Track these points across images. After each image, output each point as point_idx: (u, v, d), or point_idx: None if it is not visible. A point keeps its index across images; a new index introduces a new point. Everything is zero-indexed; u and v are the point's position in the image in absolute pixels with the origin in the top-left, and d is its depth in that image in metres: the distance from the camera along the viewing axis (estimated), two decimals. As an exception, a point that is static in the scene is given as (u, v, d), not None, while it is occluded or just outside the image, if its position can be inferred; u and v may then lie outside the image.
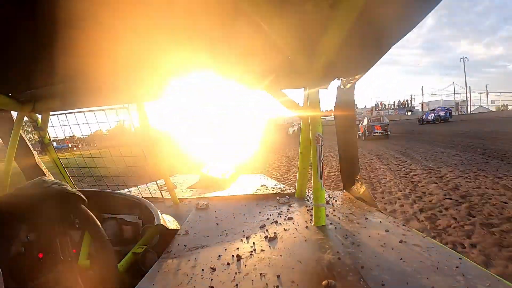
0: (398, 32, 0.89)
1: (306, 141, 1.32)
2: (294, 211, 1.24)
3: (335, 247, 0.86)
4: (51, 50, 0.99)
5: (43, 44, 0.94)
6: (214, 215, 1.26)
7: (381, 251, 0.82)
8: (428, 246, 0.85)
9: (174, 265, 0.84)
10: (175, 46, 1.02)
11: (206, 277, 0.75)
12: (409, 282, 0.67)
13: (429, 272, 0.70)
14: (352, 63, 1.16)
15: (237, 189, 1.70)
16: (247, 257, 0.84)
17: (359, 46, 1.02)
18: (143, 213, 1.14)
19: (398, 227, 1.00)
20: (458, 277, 0.68)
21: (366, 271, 0.72)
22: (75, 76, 1.25)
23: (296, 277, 0.72)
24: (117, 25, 0.84)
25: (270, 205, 1.35)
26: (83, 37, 0.89)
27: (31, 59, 1.05)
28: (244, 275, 0.74)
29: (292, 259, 0.81)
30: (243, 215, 1.24)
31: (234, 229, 1.08)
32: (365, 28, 0.87)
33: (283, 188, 1.65)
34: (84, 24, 0.82)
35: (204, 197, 1.54)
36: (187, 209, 1.38)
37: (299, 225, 1.06)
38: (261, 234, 1.01)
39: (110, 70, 1.21)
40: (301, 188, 1.45)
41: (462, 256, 0.79)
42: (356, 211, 1.19)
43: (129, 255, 0.92)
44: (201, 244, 0.97)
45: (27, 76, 1.23)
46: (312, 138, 1.09)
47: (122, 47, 0.99)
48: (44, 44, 0.94)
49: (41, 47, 0.96)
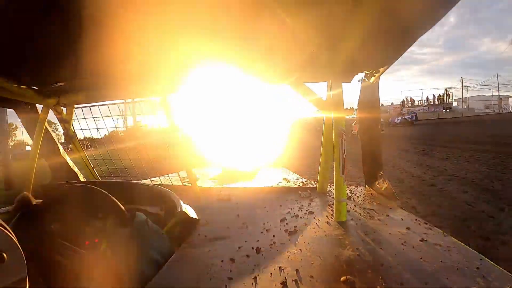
0: (422, 25, 0.87)
1: (329, 135, 1.31)
2: (315, 206, 1.24)
3: (355, 243, 0.85)
4: (76, 45, 1.00)
5: (68, 39, 0.96)
6: (235, 206, 1.28)
7: (402, 249, 0.81)
8: (449, 245, 0.83)
9: (194, 255, 0.84)
10: (198, 40, 1.02)
11: (226, 268, 0.75)
12: (428, 282, 0.66)
13: (449, 273, 0.69)
14: (375, 56, 1.14)
15: (258, 182, 1.71)
16: (267, 250, 0.85)
17: (382, 40, 1.00)
18: (165, 204, 1.16)
19: (420, 225, 0.99)
20: (478, 278, 0.67)
21: (385, 269, 0.71)
22: (99, 70, 1.27)
23: (315, 272, 0.71)
24: (141, 20, 0.85)
25: (291, 199, 1.36)
26: (108, 32, 0.90)
27: (57, 53, 1.07)
28: (263, 268, 0.74)
29: (312, 253, 0.81)
30: (264, 207, 1.25)
31: (254, 221, 1.09)
32: (389, 21, 0.85)
33: (304, 182, 1.65)
34: (109, 19, 0.83)
35: (226, 188, 1.56)
36: (208, 200, 1.40)
37: (319, 220, 1.06)
38: (281, 227, 1.01)
39: (134, 64, 1.22)
40: (323, 182, 1.44)
41: (483, 256, 0.77)
42: (377, 208, 1.18)
43: None
44: (221, 235, 0.98)
45: (52, 70, 1.26)
46: (334, 133, 1.08)
47: (146, 41, 1.00)
48: (70, 39, 0.96)
49: (67, 41, 0.98)
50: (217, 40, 1.05)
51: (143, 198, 1.20)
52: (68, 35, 0.92)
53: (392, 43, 1.02)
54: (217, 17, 0.88)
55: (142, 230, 0.83)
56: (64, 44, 0.99)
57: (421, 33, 0.91)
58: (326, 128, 1.33)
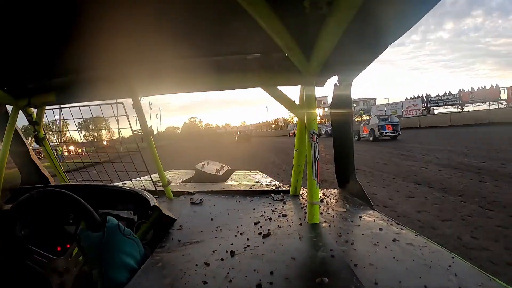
0: (396, 31, 0.89)
1: (302, 138, 1.32)
2: (288, 208, 1.24)
3: (328, 245, 0.86)
4: (47, 44, 0.98)
5: (39, 38, 0.94)
6: (208, 210, 1.26)
7: (375, 250, 0.83)
8: (420, 244, 0.85)
9: (168, 260, 0.83)
10: (172, 41, 1.02)
11: (200, 272, 0.75)
12: (402, 281, 0.67)
13: (421, 271, 0.71)
14: (349, 61, 1.17)
15: (232, 185, 1.70)
16: (241, 253, 0.84)
17: (356, 45, 1.02)
18: (138, 207, 1.13)
19: (392, 225, 1.01)
20: (451, 276, 0.69)
21: (359, 269, 0.72)
22: (71, 70, 1.25)
23: (290, 274, 0.72)
24: (113, 20, 0.84)
25: (265, 202, 1.35)
26: (79, 31, 0.89)
27: (27, 52, 1.05)
28: (237, 271, 0.74)
29: (286, 256, 0.81)
30: (237, 211, 1.24)
31: (228, 225, 1.08)
32: (363, 26, 0.87)
33: (277, 185, 1.65)
34: (80, 19, 0.82)
35: (199, 192, 1.54)
36: (181, 204, 1.38)
37: (293, 222, 1.07)
38: (255, 230, 1.01)
39: (106, 64, 1.20)
40: (296, 185, 1.45)
41: (455, 255, 0.80)
42: (350, 209, 1.19)
43: None
44: (195, 239, 0.97)
45: (22, 70, 1.23)
46: (307, 135, 1.09)
47: (119, 41, 0.99)
48: (40, 38, 0.94)
49: (37, 40, 0.95)
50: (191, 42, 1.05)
51: (115, 200, 1.18)
52: (38, 34, 0.90)
53: (365, 49, 1.05)
54: (191, 19, 0.88)
55: (115, 234, 0.80)
56: (31, 42, 0.96)
57: (394, 39, 0.94)
58: (299, 131, 1.34)
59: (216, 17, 0.87)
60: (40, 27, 0.86)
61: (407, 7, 0.77)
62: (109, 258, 0.78)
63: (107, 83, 1.29)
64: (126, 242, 0.82)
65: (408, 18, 0.81)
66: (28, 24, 0.83)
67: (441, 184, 5.35)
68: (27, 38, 0.92)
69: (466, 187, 4.94)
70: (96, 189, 1.22)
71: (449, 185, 5.19)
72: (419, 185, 5.39)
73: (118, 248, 0.79)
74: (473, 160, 7.46)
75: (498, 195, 4.27)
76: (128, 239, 0.83)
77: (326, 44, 0.92)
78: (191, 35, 1.00)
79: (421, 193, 4.82)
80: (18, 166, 1.61)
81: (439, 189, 5.02)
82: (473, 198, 4.26)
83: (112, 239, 0.79)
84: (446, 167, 6.93)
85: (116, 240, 0.80)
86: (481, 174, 5.87)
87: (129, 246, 0.82)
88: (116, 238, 0.80)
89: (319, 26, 0.86)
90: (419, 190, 5.03)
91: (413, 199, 4.57)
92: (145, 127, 1.39)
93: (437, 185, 5.28)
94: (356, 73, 1.24)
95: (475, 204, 4.00)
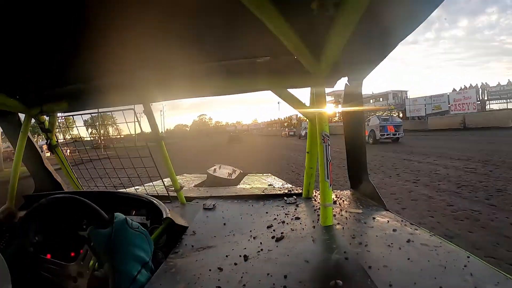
0: (404, 30, 0.88)
1: (313, 140, 1.31)
2: (301, 211, 1.23)
3: (342, 247, 0.85)
4: (58, 53, 1.00)
5: (50, 47, 0.95)
6: (221, 215, 1.26)
7: (389, 251, 0.82)
8: (435, 245, 0.84)
9: (182, 265, 0.83)
10: (181, 47, 1.02)
11: (214, 277, 0.75)
12: (417, 282, 0.66)
13: (436, 272, 0.70)
14: (358, 61, 1.16)
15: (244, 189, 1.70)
16: (254, 257, 0.84)
17: (365, 44, 1.01)
18: (150, 212, 1.14)
19: (406, 226, 0.99)
20: (466, 276, 0.68)
21: (373, 271, 0.71)
22: (82, 78, 1.27)
23: (304, 277, 0.71)
24: (122, 28, 0.85)
25: (277, 205, 1.35)
26: (90, 40, 0.90)
27: (39, 61, 1.06)
28: (251, 275, 0.74)
29: (299, 259, 0.80)
30: (250, 215, 1.24)
31: (241, 229, 1.08)
32: (371, 26, 0.87)
33: (290, 188, 1.64)
34: (90, 28, 0.83)
35: (211, 197, 1.55)
36: (194, 209, 1.38)
37: (306, 225, 1.06)
38: (268, 234, 1.00)
39: (116, 71, 1.22)
40: (308, 188, 1.44)
41: (471, 254, 0.78)
42: (363, 211, 1.18)
43: None
44: (208, 244, 0.97)
45: (34, 79, 1.25)
46: (319, 137, 1.08)
47: (129, 48, 1.00)
48: (52, 47, 0.95)
49: (49, 49, 0.97)
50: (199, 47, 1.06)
51: (128, 206, 1.19)
52: (49, 43, 0.91)
53: (373, 48, 1.04)
54: (199, 25, 0.88)
55: (122, 229, 0.81)
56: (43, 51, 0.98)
57: (403, 36, 0.93)
58: (310, 133, 1.33)
59: (224, 22, 0.87)
60: (52, 36, 0.87)
61: (414, 5, 0.77)
62: (119, 252, 0.79)
63: (118, 90, 1.30)
64: (135, 235, 0.83)
65: (416, 17, 0.80)
66: (39, 33, 0.84)
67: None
68: (38, 47, 0.94)
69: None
70: (109, 196, 1.24)
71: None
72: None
73: (127, 241, 0.80)
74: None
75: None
76: (137, 232, 0.84)
77: (335, 45, 0.91)
78: (199, 40, 1.00)
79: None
80: (32, 173, 1.63)
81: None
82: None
83: (120, 233, 0.81)
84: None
85: (124, 234, 0.81)
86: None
87: (138, 238, 0.83)
88: (124, 232, 0.81)
89: (327, 28, 0.86)
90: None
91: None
92: (156, 132, 1.40)
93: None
94: (366, 73, 1.23)
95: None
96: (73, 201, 0.89)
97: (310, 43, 0.95)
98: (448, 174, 6.73)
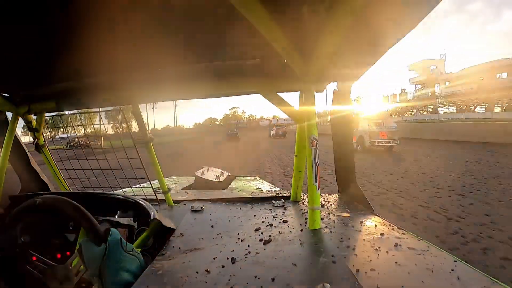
0: (394, 36, 0.90)
1: (301, 144, 1.32)
2: (289, 214, 1.23)
3: (330, 250, 0.85)
4: (47, 50, 0.99)
5: (39, 45, 0.94)
6: (209, 217, 1.26)
7: (376, 255, 0.82)
8: (423, 249, 0.85)
9: (169, 267, 0.82)
10: (171, 47, 1.02)
11: (201, 279, 0.74)
12: (404, 285, 0.67)
13: (424, 276, 0.70)
14: (348, 66, 1.17)
15: (232, 192, 1.69)
16: (242, 259, 0.84)
17: (355, 50, 1.03)
18: (138, 214, 1.13)
19: (393, 230, 1.00)
20: (453, 280, 0.69)
21: (361, 274, 0.72)
22: (71, 76, 1.25)
23: (291, 280, 0.71)
24: (112, 26, 0.84)
25: (265, 208, 1.35)
26: (80, 38, 0.89)
27: (27, 59, 1.05)
28: (239, 278, 0.74)
29: (287, 262, 0.80)
30: (238, 218, 1.24)
31: (229, 232, 1.08)
32: (361, 32, 0.88)
33: (278, 191, 1.65)
34: (81, 25, 0.83)
35: (199, 200, 1.54)
36: (182, 211, 1.37)
37: (294, 228, 1.06)
38: (256, 237, 1.00)
39: (106, 71, 1.21)
40: (296, 191, 1.45)
41: (458, 258, 0.79)
42: (351, 215, 1.19)
43: None
44: (196, 246, 0.96)
45: (22, 77, 1.23)
46: (307, 141, 1.09)
47: (118, 48, 0.99)
48: (41, 45, 0.94)
49: (37, 47, 0.96)
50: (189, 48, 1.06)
51: (115, 207, 1.17)
52: (39, 40, 0.91)
53: (364, 54, 1.05)
54: (190, 25, 0.89)
55: (116, 251, 0.80)
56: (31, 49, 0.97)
57: (392, 43, 0.94)
58: (298, 137, 1.34)
59: (215, 23, 0.88)
60: (40, 33, 0.86)
61: (406, 10, 0.78)
62: (110, 275, 0.78)
63: (107, 90, 1.29)
64: (128, 259, 0.82)
65: (407, 21, 0.81)
66: (28, 29, 0.83)
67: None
68: (27, 44, 0.93)
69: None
70: (96, 197, 1.22)
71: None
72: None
73: (119, 265, 0.79)
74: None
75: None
76: (130, 256, 0.83)
77: (325, 49, 0.92)
78: (189, 41, 1.00)
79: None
80: (18, 172, 1.60)
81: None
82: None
83: (114, 255, 0.79)
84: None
85: (117, 257, 0.80)
86: None
87: (130, 263, 0.82)
88: (117, 254, 0.80)
89: (317, 32, 0.86)
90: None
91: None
92: (144, 134, 1.39)
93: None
94: (355, 78, 1.24)
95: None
96: (70, 208, 0.87)
97: (300, 47, 0.96)
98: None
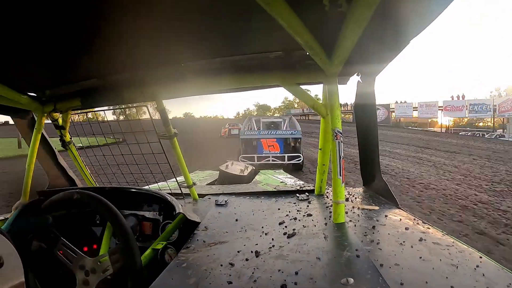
0: (417, 26, 0.87)
1: (326, 137, 1.31)
2: (313, 208, 1.23)
3: (354, 244, 0.85)
4: (72, 49, 1.01)
5: (64, 44, 0.96)
6: (233, 211, 1.27)
7: (401, 250, 0.81)
8: (447, 244, 0.83)
9: (193, 260, 0.84)
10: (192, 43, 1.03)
11: (225, 272, 0.75)
12: (428, 281, 0.66)
13: (448, 272, 0.69)
14: (371, 58, 1.14)
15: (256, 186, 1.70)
16: (266, 253, 0.84)
17: (378, 41, 1.00)
18: (163, 208, 1.16)
19: (418, 224, 0.99)
20: (478, 276, 0.67)
21: (385, 269, 0.71)
22: (95, 74, 1.28)
23: (315, 274, 0.71)
24: (133, 24, 0.85)
25: (289, 202, 1.35)
26: (103, 36, 0.91)
27: (52, 59, 1.08)
28: (262, 271, 0.74)
29: (311, 256, 0.80)
30: (262, 211, 1.24)
31: (253, 225, 1.08)
32: (383, 23, 0.85)
33: (302, 184, 1.64)
34: (102, 24, 0.84)
35: (224, 193, 1.56)
36: (206, 205, 1.39)
37: (318, 222, 1.06)
38: (280, 230, 1.01)
39: (129, 68, 1.23)
40: (321, 184, 1.44)
41: (483, 255, 0.77)
42: (375, 208, 1.17)
43: (148, 251, 0.94)
44: (220, 240, 0.98)
45: (48, 76, 1.27)
46: (331, 134, 1.08)
47: (139, 45, 1.00)
48: (65, 44, 0.96)
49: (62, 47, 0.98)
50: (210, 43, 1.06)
51: (141, 202, 1.21)
52: (64, 40, 0.92)
53: (386, 45, 1.03)
54: (209, 20, 0.88)
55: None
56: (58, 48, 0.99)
57: (414, 34, 0.91)
58: (322, 130, 1.32)
59: (234, 17, 0.87)
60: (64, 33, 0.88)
61: (427, 1, 0.75)
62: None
63: (131, 87, 1.31)
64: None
65: (429, 12, 0.79)
66: (52, 30, 0.85)
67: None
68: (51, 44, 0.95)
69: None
70: (122, 192, 1.26)
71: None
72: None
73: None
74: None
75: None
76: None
77: (347, 41, 0.90)
78: (211, 36, 1.00)
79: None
80: (46, 169, 1.67)
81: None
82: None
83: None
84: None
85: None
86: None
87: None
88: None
89: (339, 24, 0.85)
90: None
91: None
92: (169, 129, 1.41)
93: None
94: (379, 70, 1.21)
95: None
96: (94, 200, 0.90)
97: (322, 40, 0.95)
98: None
